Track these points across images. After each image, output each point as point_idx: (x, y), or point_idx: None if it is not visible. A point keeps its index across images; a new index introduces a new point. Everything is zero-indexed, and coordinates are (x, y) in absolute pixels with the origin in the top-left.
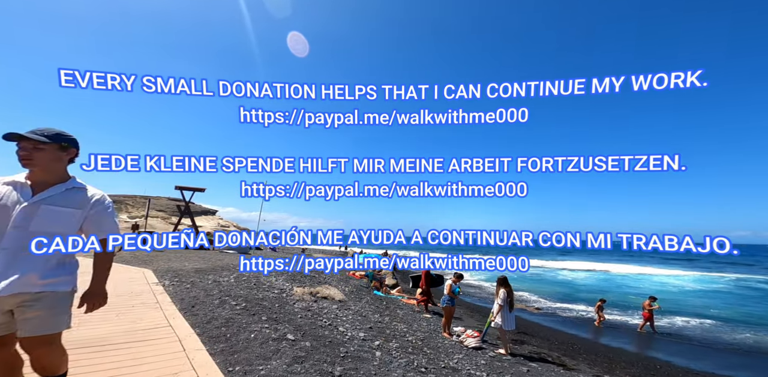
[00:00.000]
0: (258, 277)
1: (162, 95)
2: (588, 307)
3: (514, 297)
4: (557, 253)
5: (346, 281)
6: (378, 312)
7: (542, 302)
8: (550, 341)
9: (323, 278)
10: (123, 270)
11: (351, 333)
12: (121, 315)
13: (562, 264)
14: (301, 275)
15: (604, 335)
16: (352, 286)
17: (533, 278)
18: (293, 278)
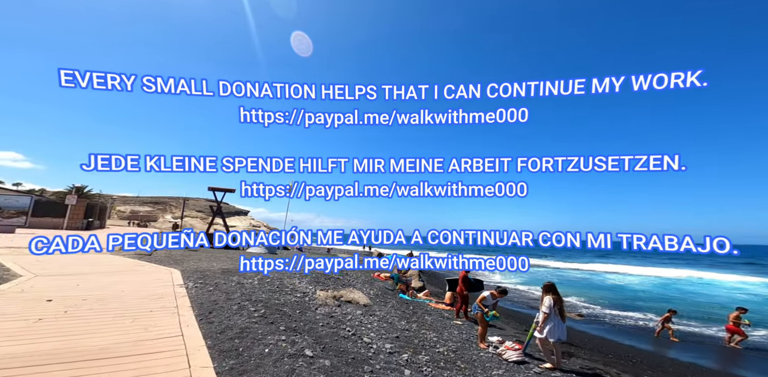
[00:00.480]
0: (282, 279)
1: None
2: (646, 315)
3: None
4: (595, 255)
5: (371, 284)
6: (405, 318)
7: (592, 308)
8: (603, 353)
9: (348, 280)
10: (153, 270)
11: (376, 345)
12: (136, 321)
13: (607, 267)
14: (326, 278)
15: (672, 348)
16: (377, 289)
17: (580, 283)
18: (317, 281)
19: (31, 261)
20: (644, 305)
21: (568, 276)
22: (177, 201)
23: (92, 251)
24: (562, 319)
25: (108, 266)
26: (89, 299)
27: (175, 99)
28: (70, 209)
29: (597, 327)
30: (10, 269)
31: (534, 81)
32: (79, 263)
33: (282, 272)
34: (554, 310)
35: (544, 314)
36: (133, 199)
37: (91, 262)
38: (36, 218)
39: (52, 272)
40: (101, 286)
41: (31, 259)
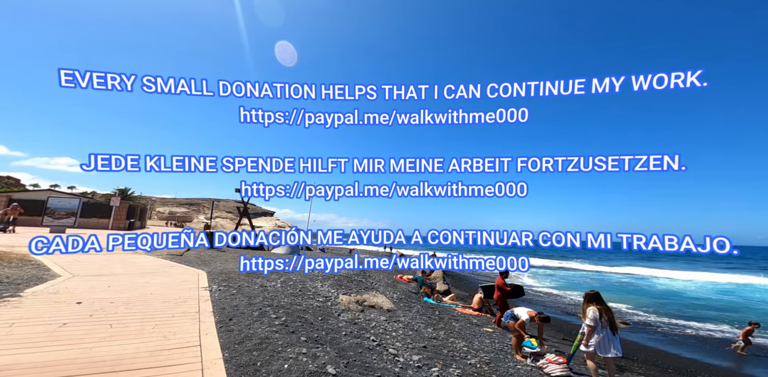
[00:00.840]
0: (305, 282)
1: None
2: (705, 324)
3: None
4: (635, 257)
5: (394, 286)
6: (431, 325)
7: (642, 316)
8: (660, 367)
9: (370, 283)
10: (182, 272)
11: (403, 357)
12: (158, 327)
13: (652, 272)
14: (348, 280)
15: (744, 363)
16: (401, 292)
17: (625, 288)
18: (339, 284)
19: (70, 261)
20: (708, 314)
21: (609, 280)
22: (209, 203)
23: (130, 252)
24: (613, 331)
25: (141, 267)
26: (116, 302)
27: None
28: (115, 211)
29: (648, 337)
30: (50, 270)
31: (534, 81)
32: (114, 264)
33: (306, 275)
34: (602, 322)
35: (589, 327)
36: (171, 201)
37: (126, 262)
38: (84, 219)
39: (88, 273)
40: (131, 288)
41: (71, 259)
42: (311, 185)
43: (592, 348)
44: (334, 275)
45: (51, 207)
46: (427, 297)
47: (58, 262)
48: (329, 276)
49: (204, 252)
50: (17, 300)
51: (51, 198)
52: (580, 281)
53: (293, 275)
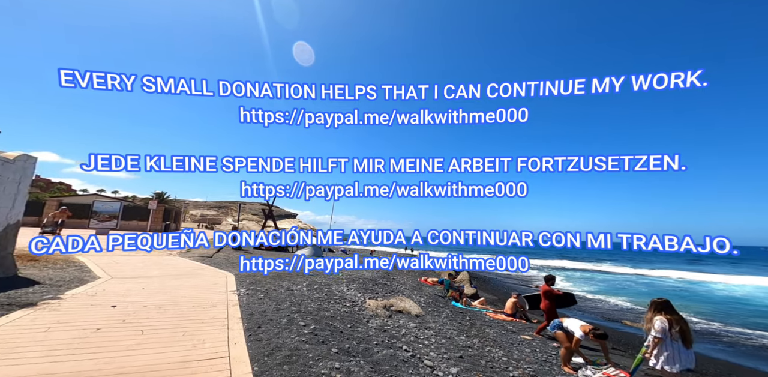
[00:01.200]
0: (330, 285)
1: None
2: None
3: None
4: (685, 261)
5: (420, 290)
6: (463, 332)
7: (704, 324)
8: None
9: (396, 286)
10: (212, 274)
11: (441, 370)
12: (188, 334)
13: (706, 277)
14: (374, 283)
15: None
16: (427, 296)
17: (681, 294)
18: (365, 287)
19: (109, 263)
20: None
21: (659, 285)
22: (236, 205)
23: (159, 252)
24: (686, 345)
25: (174, 269)
26: (149, 305)
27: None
28: (152, 214)
29: (716, 348)
30: (91, 271)
31: (534, 81)
32: (150, 266)
33: (330, 277)
34: (671, 334)
35: (655, 339)
36: (202, 204)
37: (160, 264)
38: (125, 222)
39: (125, 275)
40: (163, 291)
41: (111, 260)
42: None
43: (660, 363)
44: (359, 278)
45: (96, 210)
46: (455, 300)
47: (99, 263)
48: (354, 279)
49: (232, 254)
50: (57, 302)
51: (96, 202)
52: (623, 286)
53: (318, 278)
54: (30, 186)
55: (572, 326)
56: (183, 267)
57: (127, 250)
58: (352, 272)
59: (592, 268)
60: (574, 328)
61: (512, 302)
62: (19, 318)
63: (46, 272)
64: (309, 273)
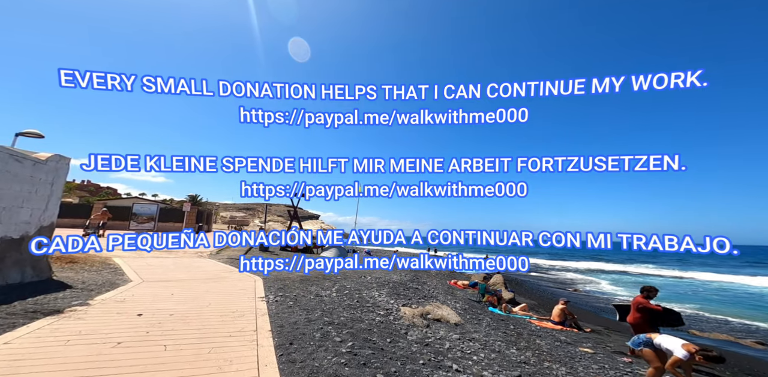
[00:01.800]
0: (360, 291)
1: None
2: None
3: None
4: (740, 263)
5: (453, 294)
6: (512, 344)
7: None
8: None
9: (428, 291)
10: (239, 278)
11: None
12: (213, 351)
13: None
14: (404, 288)
15: None
16: (462, 301)
17: (722, 299)
18: (396, 293)
19: (143, 265)
20: None
21: (735, 291)
22: (262, 207)
23: (189, 253)
24: None
25: (203, 272)
26: (175, 314)
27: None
28: (186, 216)
29: None
30: (124, 274)
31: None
32: (180, 269)
33: (359, 282)
34: None
35: None
36: (231, 206)
37: (191, 267)
38: (162, 223)
39: (156, 278)
40: (192, 296)
41: (144, 263)
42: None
43: None
44: (388, 282)
45: (135, 213)
46: (492, 306)
47: (133, 266)
48: (384, 283)
49: (259, 255)
50: (84, 309)
51: (135, 204)
52: (686, 291)
53: (347, 283)
54: (79, 190)
55: (670, 344)
56: (212, 270)
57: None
58: (379, 274)
59: (636, 271)
60: (673, 347)
61: (560, 308)
62: (41, 327)
63: (81, 275)
64: (338, 273)
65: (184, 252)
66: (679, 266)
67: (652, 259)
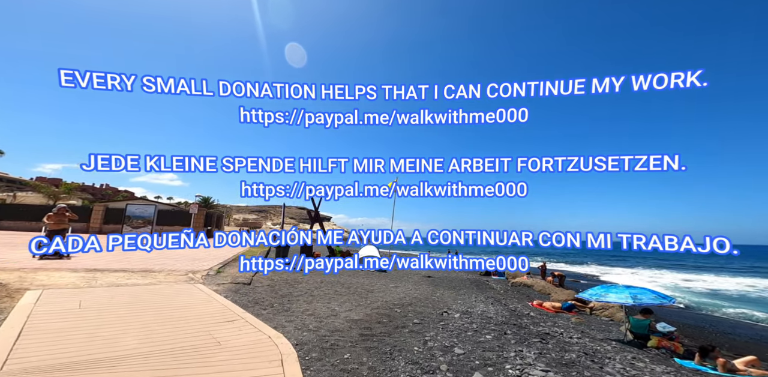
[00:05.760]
0: (475, 352)
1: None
2: None
3: None
4: None
5: (584, 332)
6: None
7: None
8: None
9: (548, 329)
10: (248, 344)
11: None
12: None
13: None
14: (515, 329)
15: None
16: (614, 347)
17: None
18: (508, 339)
19: (66, 306)
20: None
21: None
22: (274, 209)
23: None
24: None
25: (174, 330)
26: None
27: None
28: (193, 218)
29: None
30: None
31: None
32: (131, 317)
33: (459, 328)
34: None
35: None
36: (244, 208)
37: (156, 309)
38: (164, 227)
39: (47, 364)
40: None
41: (76, 299)
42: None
43: None
44: (488, 323)
45: (129, 215)
46: (678, 357)
47: (42, 308)
48: (484, 323)
49: (276, 276)
50: None
51: (129, 206)
52: (758, 300)
53: (443, 336)
54: (80, 192)
55: None
56: (195, 318)
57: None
58: (467, 309)
59: (733, 283)
60: None
61: None
62: None
63: None
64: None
65: (167, 274)
66: (740, 273)
67: (711, 263)
